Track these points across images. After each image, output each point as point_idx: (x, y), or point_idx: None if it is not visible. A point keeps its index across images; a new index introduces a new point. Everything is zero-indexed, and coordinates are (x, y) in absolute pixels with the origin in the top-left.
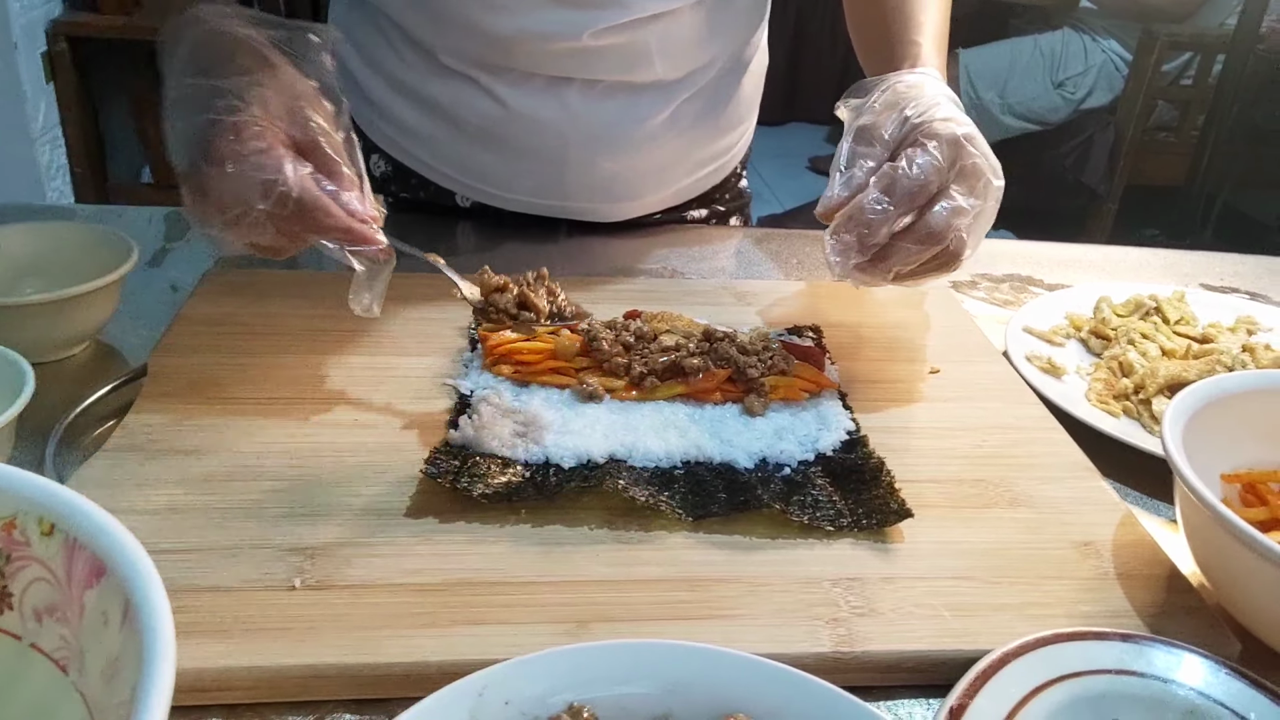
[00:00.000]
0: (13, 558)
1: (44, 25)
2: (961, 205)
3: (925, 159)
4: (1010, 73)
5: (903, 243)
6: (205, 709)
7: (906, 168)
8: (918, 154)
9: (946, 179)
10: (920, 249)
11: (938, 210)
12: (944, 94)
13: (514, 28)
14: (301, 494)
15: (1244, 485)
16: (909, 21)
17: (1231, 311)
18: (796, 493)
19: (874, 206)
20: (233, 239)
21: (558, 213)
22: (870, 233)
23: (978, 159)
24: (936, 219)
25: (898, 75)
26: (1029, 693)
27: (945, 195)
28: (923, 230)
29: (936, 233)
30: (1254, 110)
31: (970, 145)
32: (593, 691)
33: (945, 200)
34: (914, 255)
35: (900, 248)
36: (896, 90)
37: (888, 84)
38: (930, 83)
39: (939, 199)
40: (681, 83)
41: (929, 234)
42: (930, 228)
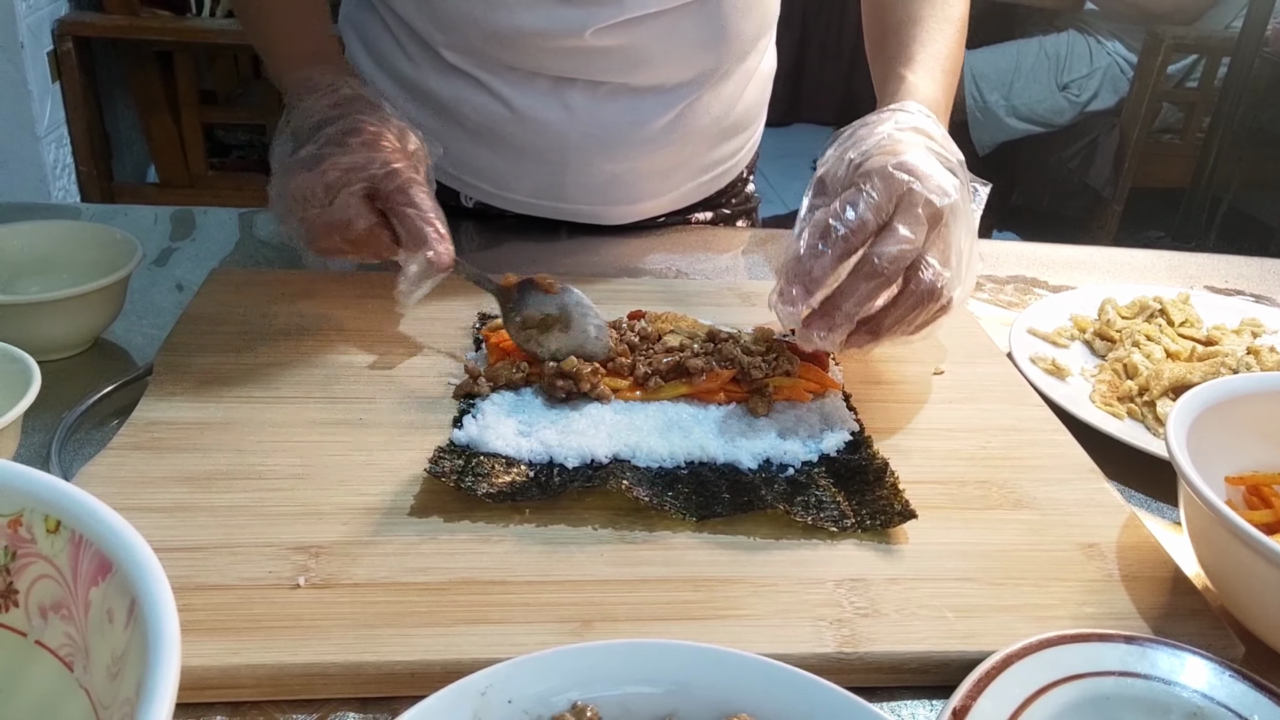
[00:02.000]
0: (18, 555)
1: (50, 24)
2: (904, 234)
3: (857, 197)
4: (1015, 75)
5: (852, 282)
6: (209, 706)
7: (839, 209)
8: (849, 194)
9: (886, 213)
10: (870, 287)
11: (879, 245)
12: (908, 125)
13: (513, 24)
14: (306, 493)
15: (1248, 488)
16: (901, 51)
17: (1236, 314)
18: (800, 493)
19: (809, 253)
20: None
21: (558, 214)
22: (812, 279)
23: (913, 184)
24: (879, 253)
25: (864, 119)
26: (1032, 694)
27: (888, 229)
28: (865, 267)
29: (881, 267)
30: (1259, 113)
31: (901, 173)
32: (596, 691)
33: (887, 233)
34: (866, 296)
35: (850, 288)
36: (856, 134)
37: (852, 129)
38: (895, 118)
39: (883, 234)
40: (686, 86)
41: (873, 270)
42: (873, 262)
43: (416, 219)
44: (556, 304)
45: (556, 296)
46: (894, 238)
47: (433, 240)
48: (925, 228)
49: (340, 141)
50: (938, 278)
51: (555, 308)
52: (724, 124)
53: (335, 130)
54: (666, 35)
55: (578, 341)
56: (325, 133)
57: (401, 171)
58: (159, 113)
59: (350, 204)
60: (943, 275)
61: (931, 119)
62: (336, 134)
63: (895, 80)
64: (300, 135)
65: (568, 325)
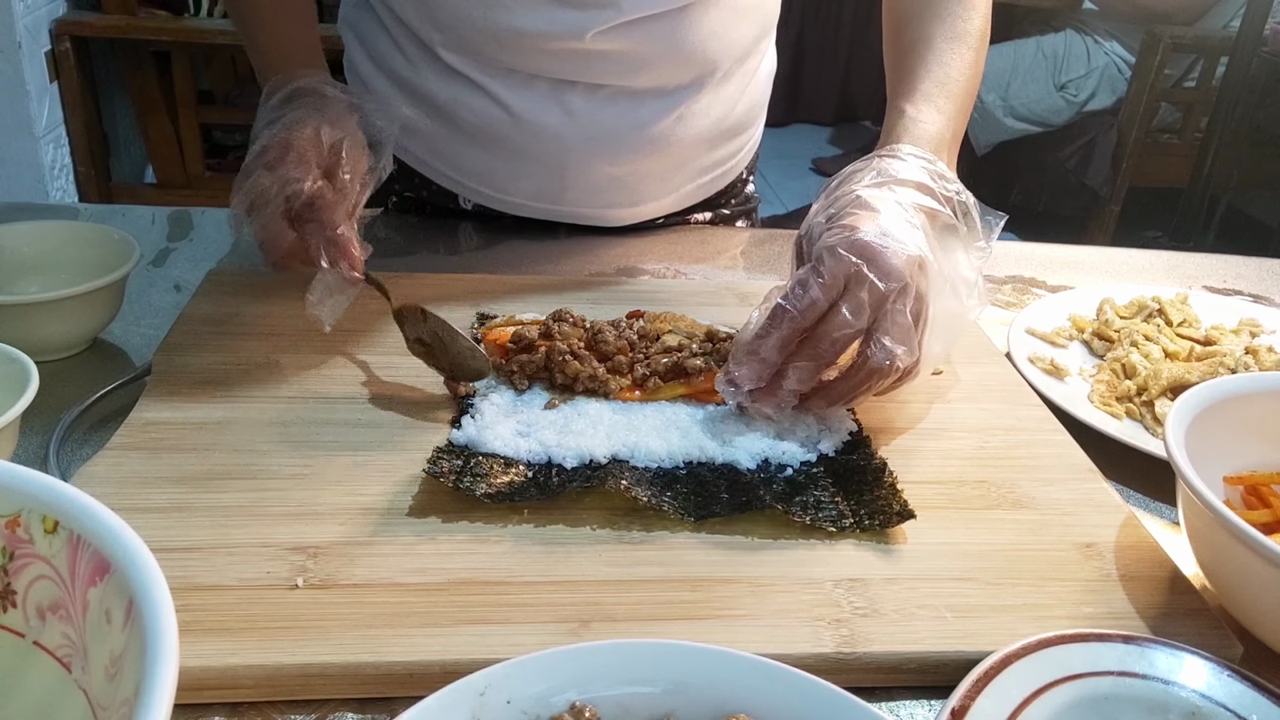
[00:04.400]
0: (16, 555)
1: (48, 25)
2: (844, 319)
3: (808, 277)
4: (1013, 75)
5: (794, 361)
6: (208, 707)
7: (791, 291)
8: (803, 273)
9: (837, 292)
10: (811, 366)
11: (821, 327)
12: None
13: (512, 26)
14: (304, 493)
15: (1246, 487)
16: (906, 78)
17: (1234, 314)
18: (799, 493)
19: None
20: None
21: (557, 216)
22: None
23: (859, 267)
24: (821, 335)
25: (854, 165)
26: (1031, 694)
27: (833, 310)
28: (808, 348)
29: (822, 350)
30: (1257, 112)
31: (849, 254)
32: (595, 691)
33: (831, 315)
34: (807, 373)
35: (792, 367)
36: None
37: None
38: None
39: (828, 315)
40: (686, 88)
41: (814, 350)
42: (815, 344)
43: (316, 236)
44: (427, 330)
45: (425, 323)
46: (836, 321)
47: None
48: (868, 312)
49: (264, 157)
50: (889, 356)
51: (427, 334)
52: (724, 125)
53: (265, 142)
54: (666, 38)
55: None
56: (261, 143)
57: (305, 190)
58: (156, 113)
59: (270, 223)
60: (893, 353)
61: (924, 161)
62: (264, 147)
63: (894, 113)
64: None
65: (446, 348)
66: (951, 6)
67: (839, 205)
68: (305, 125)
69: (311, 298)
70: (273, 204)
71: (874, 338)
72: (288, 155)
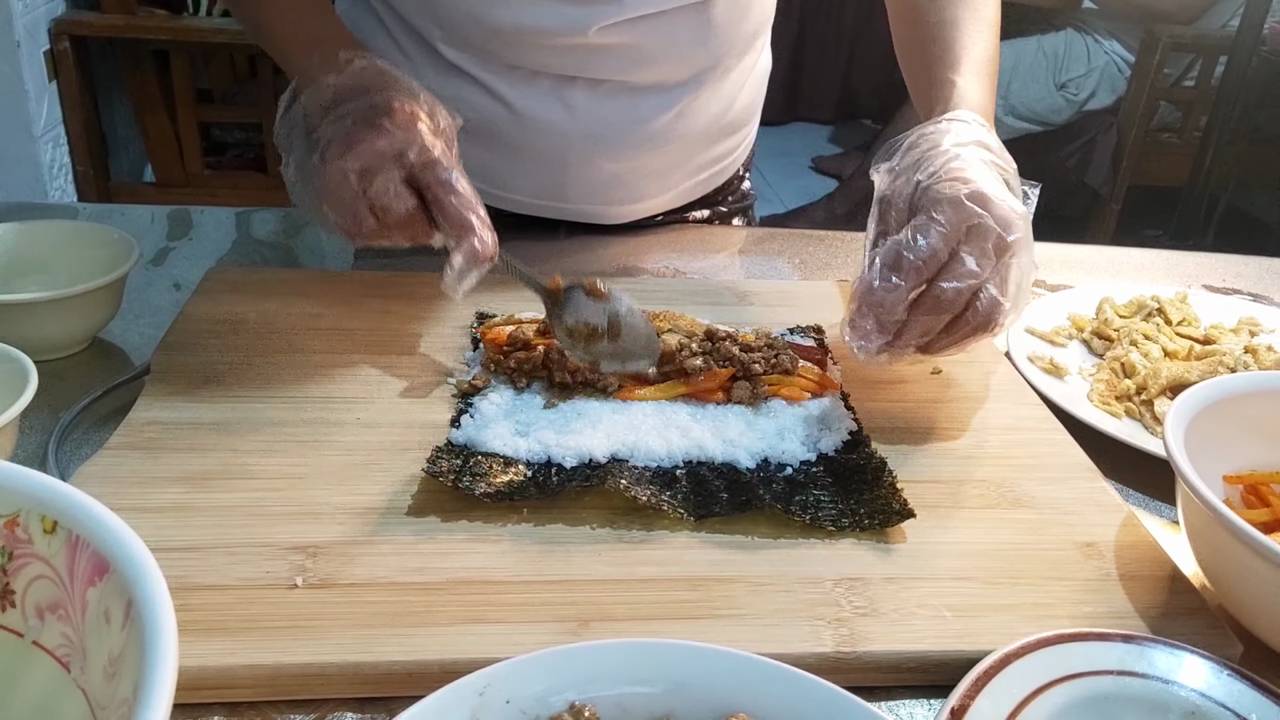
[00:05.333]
0: (15, 555)
1: (47, 24)
2: (970, 268)
3: (927, 227)
4: (1013, 74)
5: (916, 315)
6: (207, 707)
7: (910, 239)
8: (920, 222)
9: (956, 243)
10: (934, 319)
11: (946, 278)
12: (965, 142)
13: (514, 22)
14: (303, 493)
15: (1246, 486)
16: (946, 55)
17: (1234, 313)
18: (798, 493)
19: (884, 286)
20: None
21: (558, 214)
22: (886, 311)
23: (983, 218)
24: (945, 287)
25: (921, 129)
26: (1031, 693)
27: (955, 260)
28: (930, 301)
29: (946, 301)
30: (1257, 112)
31: (973, 204)
32: (594, 691)
33: (954, 265)
34: (929, 326)
35: (915, 321)
36: (916, 148)
37: (910, 140)
38: (954, 130)
39: (950, 265)
40: (686, 84)
41: (937, 303)
42: (938, 296)
43: (458, 208)
44: (606, 311)
45: (606, 304)
46: (960, 271)
47: (477, 229)
48: (992, 261)
49: (371, 121)
50: (995, 308)
51: (604, 316)
52: (722, 121)
53: (362, 107)
54: (667, 34)
55: (627, 352)
56: (348, 109)
57: (439, 156)
58: (155, 112)
59: (389, 190)
60: (1000, 306)
61: (985, 128)
62: (365, 111)
63: (945, 85)
64: (313, 113)
65: (617, 335)
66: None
67: (936, 165)
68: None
69: (448, 278)
70: (393, 170)
71: (984, 288)
72: (394, 115)
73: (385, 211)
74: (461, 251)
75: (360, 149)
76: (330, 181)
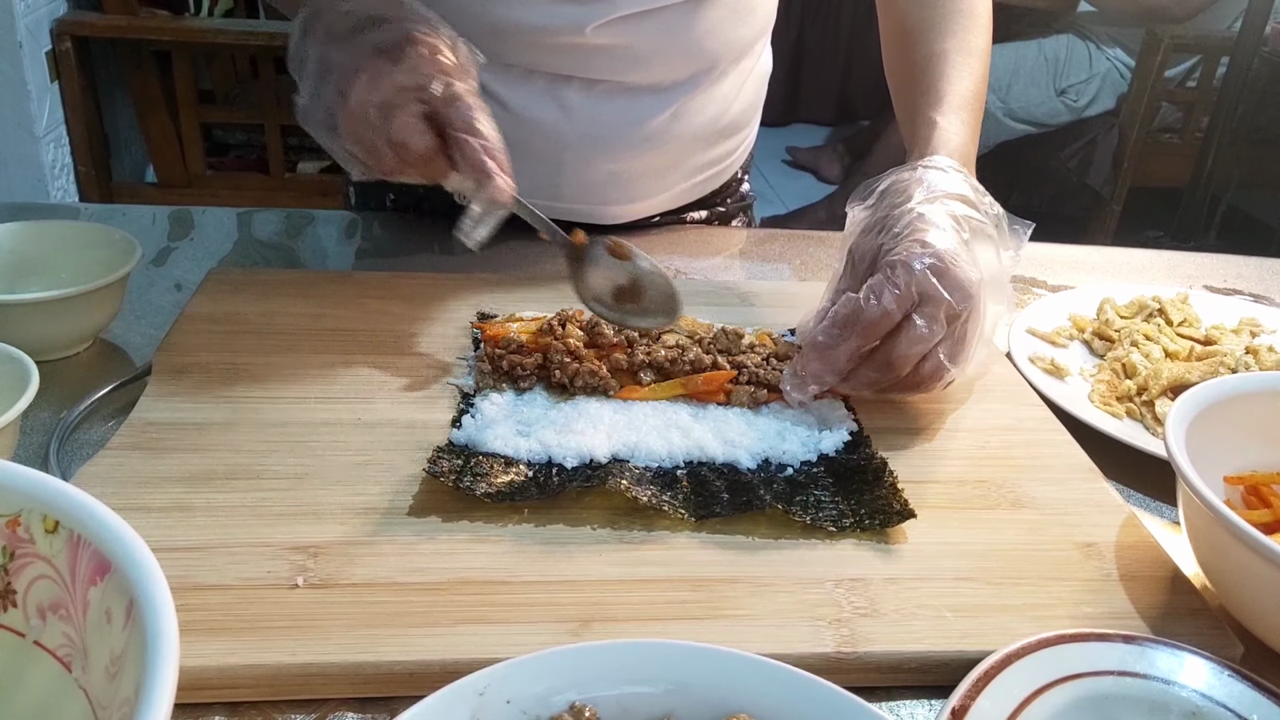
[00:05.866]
0: (16, 555)
1: (49, 24)
2: (920, 334)
3: (882, 288)
4: (1014, 77)
5: (863, 370)
6: (208, 706)
7: (865, 299)
8: (877, 283)
9: (910, 305)
10: (880, 377)
11: (898, 340)
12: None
13: (510, 19)
14: (304, 493)
15: (1247, 487)
16: (931, 91)
17: (1235, 313)
18: (799, 493)
19: (830, 340)
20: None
21: (554, 214)
22: (829, 365)
23: (932, 286)
24: (895, 348)
25: (897, 174)
26: (1031, 694)
27: (908, 322)
28: (881, 359)
29: (895, 360)
30: (1258, 112)
31: (929, 274)
32: (595, 691)
33: (907, 327)
34: (872, 380)
35: (860, 375)
36: (886, 198)
37: (884, 187)
38: (927, 180)
39: (903, 327)
40: (682, 86)
41: (886, 363)
42: (889, 356)
43: (477, 150)
44: (627, 271)
45: (628, 264)
46: (910, 335)
47: (493, 173)
48: (943, 327)
49: (392, 53)
50: (937, 373)
51: (626, 276)
52: (719, 124)
53: (383, 37)
54: (663, 34)
55: (647, 311)
56: (367, 39)
57: (462, 94)
58: (157, 112)
59: (409, 125)
60: (943, 372)
61: (963, 175)
62: (386, 42)
63: (926, 125)
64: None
65: (639, 295)
66: (962, 21)
67: (901, 222)
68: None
69: (471, 216)
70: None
71: (933, 352)
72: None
73: (403, 148)
74: (479, 197)
75: (382, 83)
76: (350, 115)
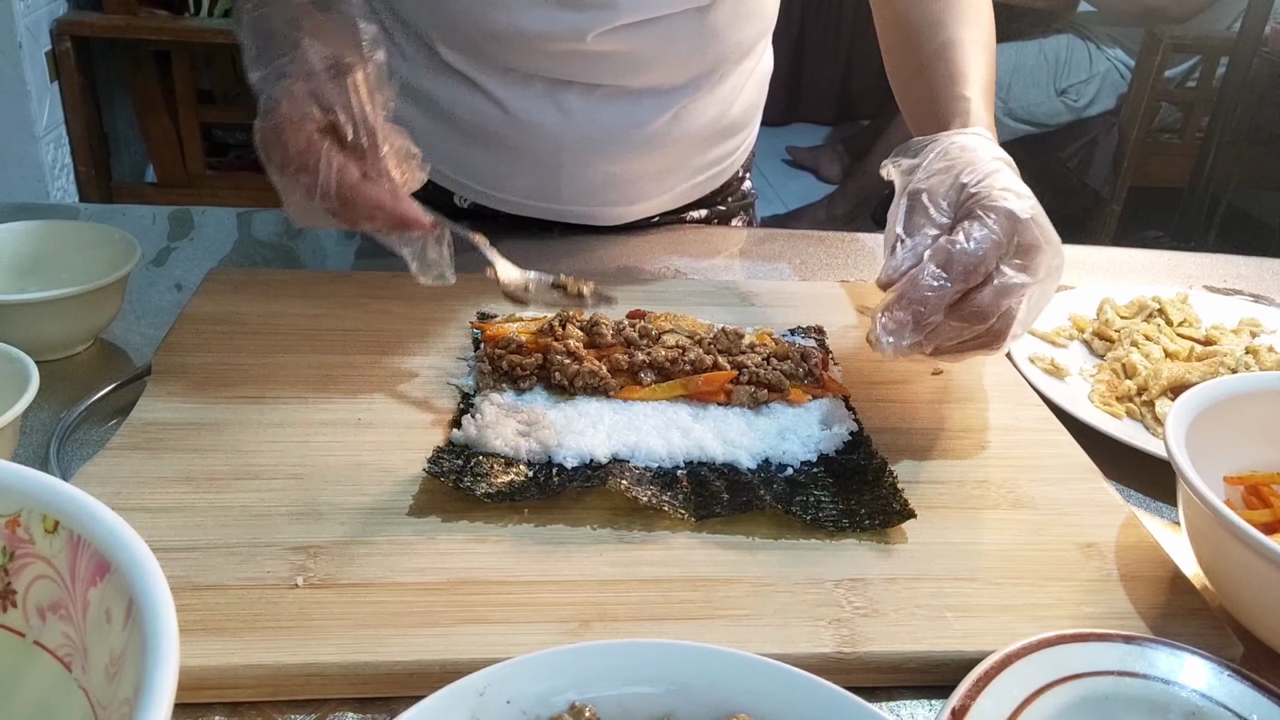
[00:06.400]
0: (16, 555)
1: (48, 24)
2: (1013, 283)
3: (983, 233)
4: (1014, 77)
5: (949, 320)
6: (208, 707)
7: (964, 242)
8: (975, 228)
9: (1003, 255)
10: (964, 326)
11: (989, 289)
12: (1000, 158)
13: (512, 25)
14: (304, 493)
15: (1247, 487)
16: (955, 74)
17: (1235, 314)
18: (799, 493)
19: (930, 283)
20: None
21: (553, 215)
22: (926, 310)
23: (1037, 236)
24: (985, 297)
25: (949, 136)
26: (1031, 694)
27: (998, 273)
28: (969, 308)
29: (983, 311)
30: (1258, 112)
31: (1030, 220)
32: (595, 691)
33: (998, 278)
34: (958, 332)
35: (947, 326)
36: (950, 153)
37: (940, 145)
38: (984, 145)
39: (993, 276)
40: (682, 89)
41: (975, 312)
42: (978, 305)
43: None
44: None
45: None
46: (1005, 285)
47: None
48: (1032, 281)
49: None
50: (1008, 326)
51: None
52: (720, 125)
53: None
54: (665, 40)
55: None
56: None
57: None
58: (157, 112)
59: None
60: (1015, 325)
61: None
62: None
63: (960, 100)
64: None
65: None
66: (971, 14)
67: (981, 169)
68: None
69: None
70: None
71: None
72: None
73: None
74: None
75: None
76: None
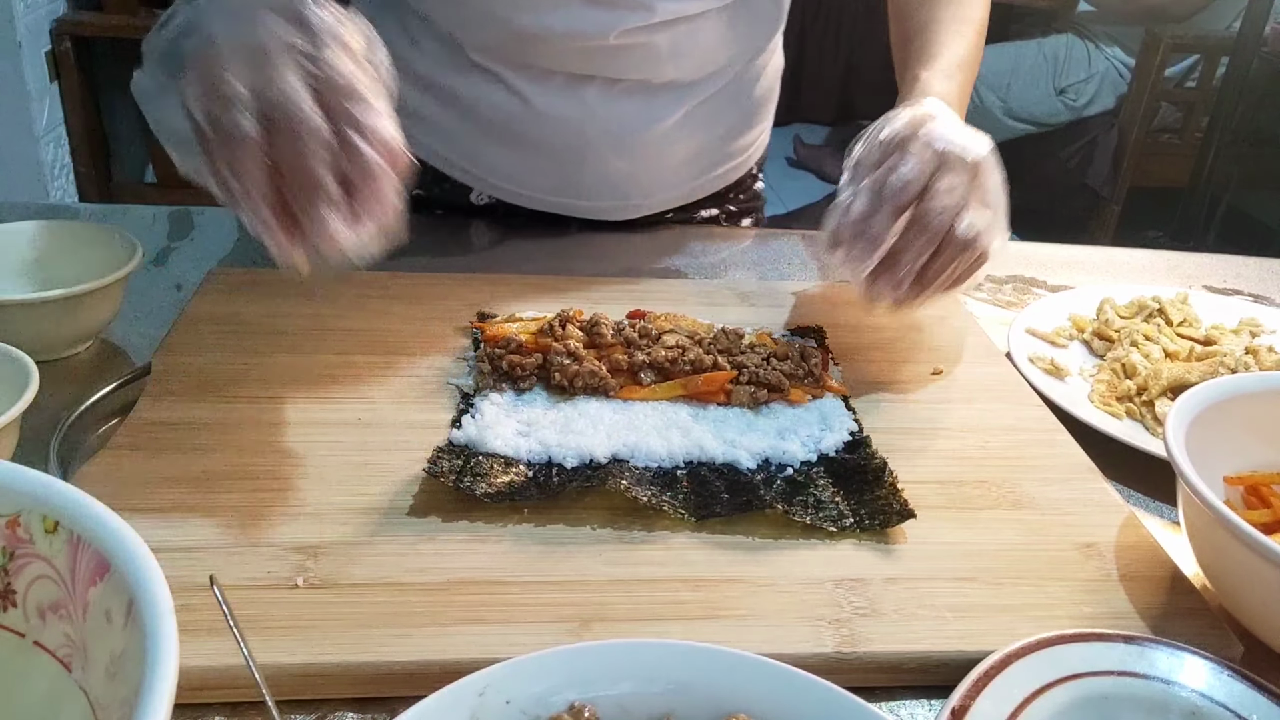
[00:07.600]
0: (16, 555)
1: (48, 24)
2: (946, 188)
3: (901, 160)
4: (1013, 77)
5: (910, 239)
6: (208, 707)
7: (887, 172)
8: (895, 158)
9: (930, 173)
10: (923, 240)
11: (930, 202)
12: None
13: (540, 24)
14: (304, 493)
15: (1247, 487)
16: (921, 52)
17: (1235, 314)
18: (799, 493)
19: (869, 208)
20: None
21: (574, 211)
22: (873, 236)
23: (948, 147)
24: (929, 211)
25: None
26: (1031, 694)
27: (929, 190)
28: (919, 225)
29: (931, 219)
30: (1258, 112)
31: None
32: (594, 691)
33: (931, 193)
34: (920, 249)
35: (908, 245)
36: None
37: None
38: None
39: (929, 191)
40: (700, 83)
41: (924, 225)
42: (925, 219)
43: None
44: None
45: None
46: (939, 194)
47: None
48: (965, 184)
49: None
50: (972, 227)
51: None
52: (736, 119)
53: None
54: (688, 37)
55: None
56: None
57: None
58: None
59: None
60: (976, 226)
61: (947, 109)
62: None
63: (910, 81)
64: None
65: None
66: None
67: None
68: None
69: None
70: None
71: (965, 210)
72: None
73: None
74: None
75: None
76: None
